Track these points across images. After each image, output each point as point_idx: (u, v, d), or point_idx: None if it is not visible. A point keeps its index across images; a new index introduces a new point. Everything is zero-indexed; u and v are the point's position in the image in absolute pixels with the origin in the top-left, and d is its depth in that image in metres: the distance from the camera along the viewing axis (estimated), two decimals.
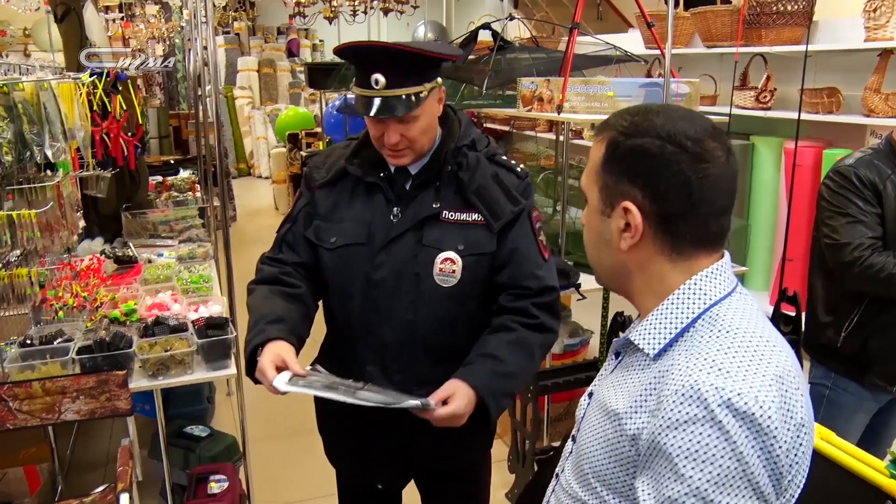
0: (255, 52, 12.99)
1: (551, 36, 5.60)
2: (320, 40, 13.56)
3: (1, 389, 2.37)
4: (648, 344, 1.07)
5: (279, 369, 1.63)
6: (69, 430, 3.66)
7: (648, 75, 5.18)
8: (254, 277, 1.91)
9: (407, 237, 1.76)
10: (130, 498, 2.30)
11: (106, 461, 3.56)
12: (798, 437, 0.97)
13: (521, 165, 1.85)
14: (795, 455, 0.97)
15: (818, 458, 1.89)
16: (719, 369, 0.96)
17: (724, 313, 1.04)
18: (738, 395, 0.93)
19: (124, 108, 3.36)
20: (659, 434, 0.97)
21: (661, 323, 1.07)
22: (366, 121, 1.73)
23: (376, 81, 1.63)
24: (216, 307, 3.01)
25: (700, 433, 0.94)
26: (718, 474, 0.93)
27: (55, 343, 2.62)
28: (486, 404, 1.68)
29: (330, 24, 7.55)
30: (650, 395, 1.01)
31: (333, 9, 7.18)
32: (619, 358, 1.16)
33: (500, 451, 3.45)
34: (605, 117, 1.13)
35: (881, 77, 4.07)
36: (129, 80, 3.58)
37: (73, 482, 3.34)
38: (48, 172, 3.01)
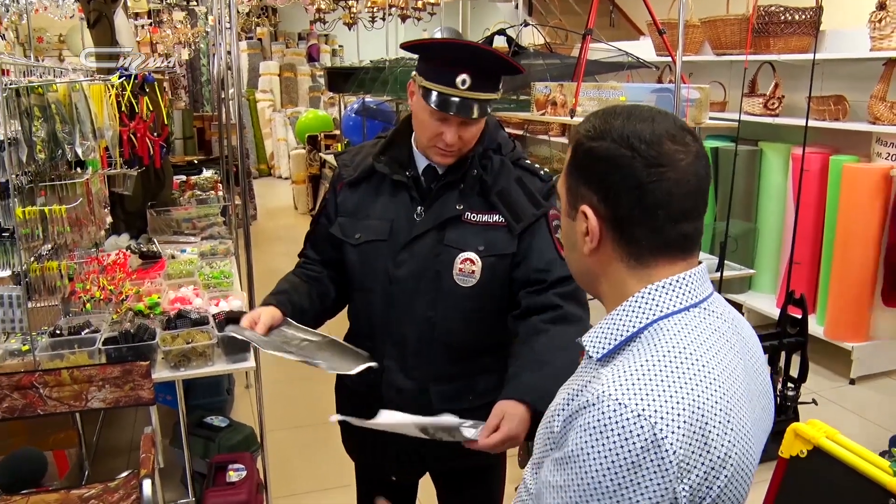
0: (276, 56, 13.09)
1: (564, 42, 5.67)
2: (340, 45, 13.64)
3: (32, 377, 2.45)
4: (593, 347, 1.05)
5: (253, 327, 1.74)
6: (95, 418, 3.72)
7: (659, 81, 5.24)
8: None
9: (429, 236, 1.77)
10: (152, 484, 2.36)
11: (130, 448, 3.62)
12: (715, 469, 0.94)
13: (546, 169, 1.85)
14: (710, 488, 0.94)
15: (823, 456, 1.91)
16: (633, 385, 0.93)
17: (668, 329, 1.00)
18: (638, 416, 0.91)
19: (151, 109, 3.45)
20: (565, 433, 0.98)
21: (608, 329, 1.04)
22: (422, 116, 1.73)
23: (463, 82, 1.64)
24: (236, 302, 3.07)
25: (594, 442, 0.92)
26: (599, 483, 0.92)
27: (83, 334, 2.70)
28: (538, 412, 1.61)
29: (349, 29, 7.63)
30: (578, 395, 0.98)
31: (353, 15, 7.26)
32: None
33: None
34: None
35: (886, 85, 4.12)
36: (155, 83, 3.68)
37: (99, 467, 3.40)
38: (78, 170, 3.10)
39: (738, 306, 5.16)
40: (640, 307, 1.02)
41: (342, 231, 1.87)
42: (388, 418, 1.64)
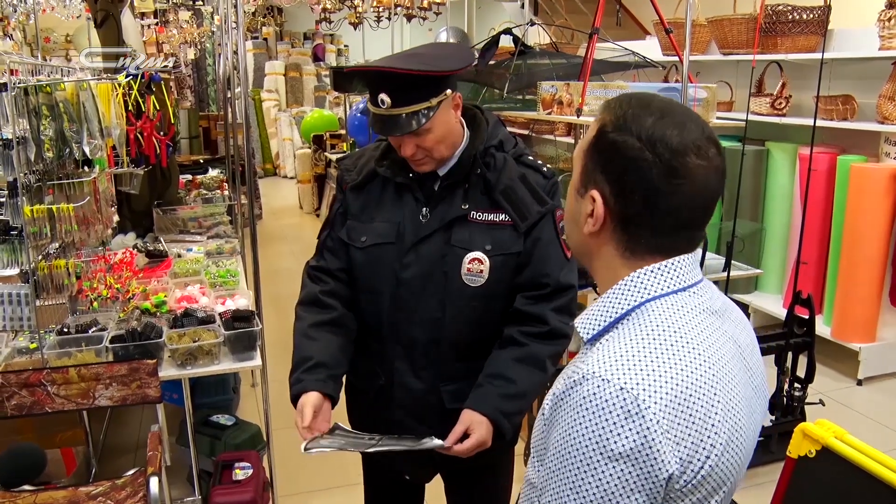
0: (282, 56, 13.10)
1: (570, 42, 5.67)
2: (345, 45, 13.63)
3: (40, 374, 2.47)
4: (584, 329, 1.07)
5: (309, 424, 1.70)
6: (102, 416, 3.73)
7: (666, 81, 5.24)
8: (300, 293, 1.94)
9: (435, 237, 1.77)
10: (159, 482, 2.36)
11: (136, 446, 3.63)
12: (703, 441, 0.96)
13: (548, 165, 1.84)
14: (701, 461, 0.96)
15: (832, 456, 1.89)
16: (615, 361, 0.96)
17: (654, 309, 1.02)
18: (621, 388, 0.93)
19: (157, 108, 3.46)
20: (552, 414, 1.00)
21: (598, 311, 1.06)
22: None
23: (382, 101, 1.65)
24: (242, 300, 3.08)
25: (580, 419, 0.94)
26: (587, 464, 0.94)
27: (90, 332, 2.71)
28: (499, 427, 1.72)
29: (355, 29, 7.63)
30: (568, 376, 1.00)
31: (358, 15, 7.27)
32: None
33: (517, 445, 3.52)
34: None
35: (895, 85, 4.12)
36: (162, 82, 3.69)
37: (106, 465, 3.40)
38: (85, 168, 3.11)
39: (744, 306, 5.15)
40: (628, 290, 1.04)
41: (348, 234, 1.86)
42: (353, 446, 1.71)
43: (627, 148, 1.00)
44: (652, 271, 1.04)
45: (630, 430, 0.92)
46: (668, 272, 1.04)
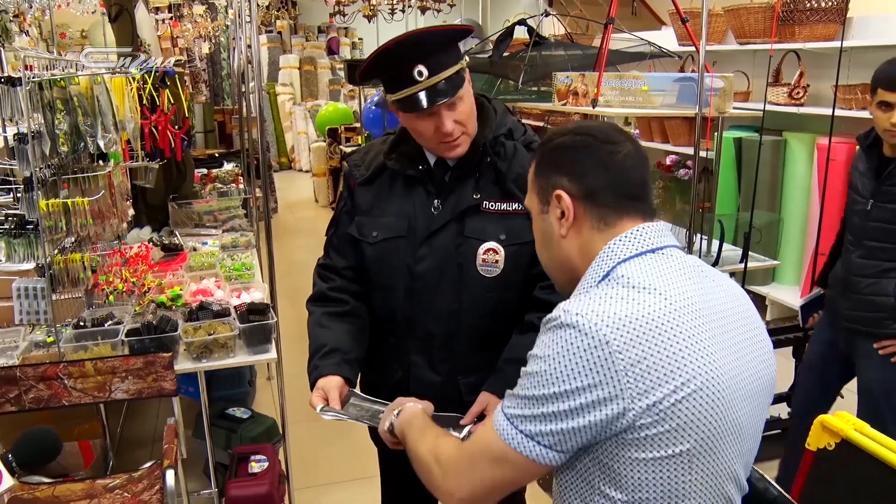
0: (296, 49, 13.12)
1: (586, 32, 5.62)
2: (359, 38, 13.64)
3: (57, 368, 2.48)
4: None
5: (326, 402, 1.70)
6: (119, 409, 3.75)
7: (682, 71, 5.19)
8: (311, 291, 1.95)
9: (448, 229, 1.76)
10: (175, 474, 2.37)
11: (153, 439, 3.65)
12: (669, 376, 1.06)
13: None
14: (671, 400, 1.06)
15: (851, 448, 1.87)
16: (587, 304, 1.10)
17: (626, 267, 1.16)
18: (577, 314, 1.08)
19: (172, 102, 3.45)
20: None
21: (582, 286, 1.22)
22: (413, 121, 1.71)
23: (420, 73, 1.61)
24: (257, 294, 3.09)
25: (552, 344, 1.10)
26: (546, 372, 1.10)
27: (106, 325, 2.73)
28: None
29: (369, 22, 7.63)
30: (545, 321, 1.16)
31: (372, 7, 7.26)
32: None
33: None
34: (640, 111, 1.29)
35: None
36: (176, 76, 3.69)
37: (124, 458, 3.43)
38: (100, 162, 3.13)
39: (761, 298, 5.11)
40: (602, 261, 1.20)
41: (359, 231, 1.85)
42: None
43: (566, 142, 1.25)
44: (621, 239, 1.19)
45: (594, 355, 1.06)
46: (636, 237, 1.20)
